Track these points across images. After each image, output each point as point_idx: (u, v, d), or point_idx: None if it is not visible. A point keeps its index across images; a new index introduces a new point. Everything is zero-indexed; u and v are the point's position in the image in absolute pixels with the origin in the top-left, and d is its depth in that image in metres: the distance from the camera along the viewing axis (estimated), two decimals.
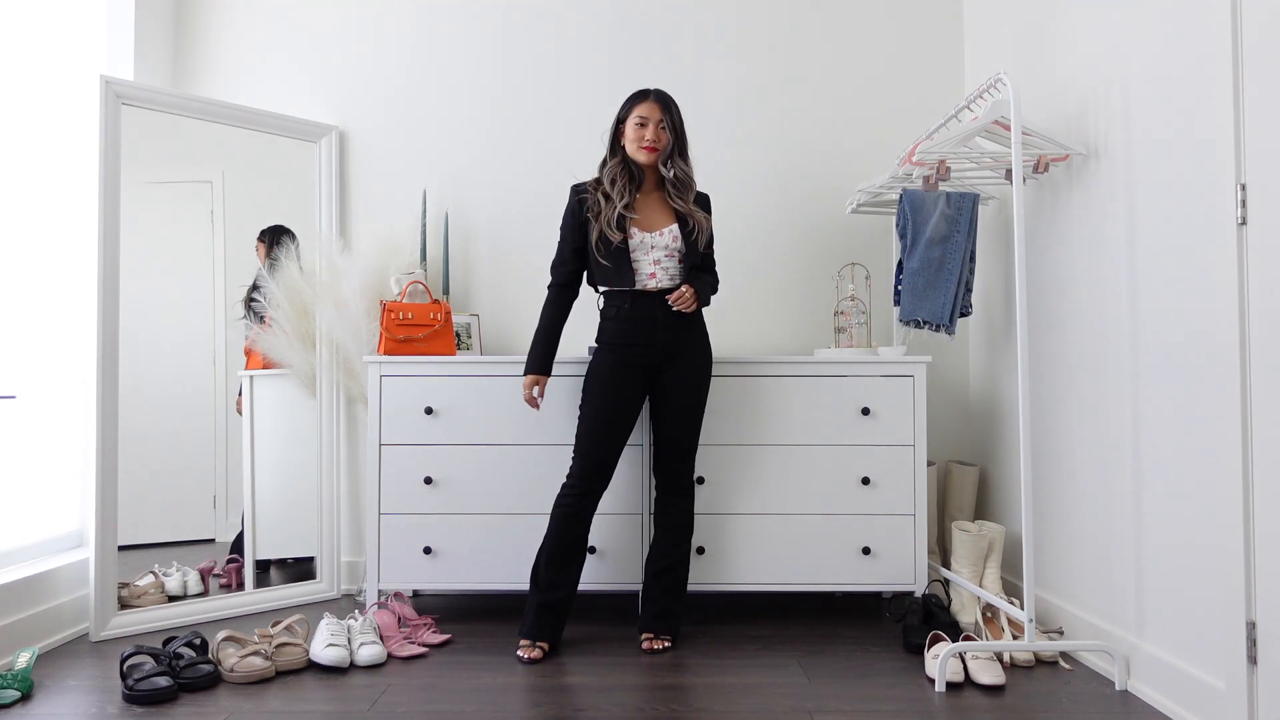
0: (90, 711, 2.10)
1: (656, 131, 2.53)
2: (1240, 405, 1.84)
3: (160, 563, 2.86)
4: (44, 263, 2.83)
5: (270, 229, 3.11)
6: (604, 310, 2.58)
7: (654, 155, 2.54)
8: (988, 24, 3.15)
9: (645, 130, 2.53)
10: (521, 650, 2.46)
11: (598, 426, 2.51)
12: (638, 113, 2.54)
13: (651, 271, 2.53)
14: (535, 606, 2.50)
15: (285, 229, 3.13)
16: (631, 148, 2.55)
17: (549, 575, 2.49)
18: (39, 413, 2.80)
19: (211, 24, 3.33)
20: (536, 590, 2.51)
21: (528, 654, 2.44)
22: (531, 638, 2.48)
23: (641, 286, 2.53)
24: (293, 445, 3.12)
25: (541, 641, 2.48)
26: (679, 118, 2.58)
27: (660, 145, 2.54)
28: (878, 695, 2.20)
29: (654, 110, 2.54)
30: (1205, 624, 1.99)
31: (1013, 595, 2.74)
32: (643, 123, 2.54)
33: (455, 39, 3.34)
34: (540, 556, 2.52)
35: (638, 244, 2.53)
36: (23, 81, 2.76)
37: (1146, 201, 2.20)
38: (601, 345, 2.58)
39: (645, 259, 2.53)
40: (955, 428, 3.31)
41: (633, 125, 2.55)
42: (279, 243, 3.10)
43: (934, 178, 2.69)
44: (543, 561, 2.51)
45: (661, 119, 2.54)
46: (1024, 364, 2.32)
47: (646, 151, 2.53)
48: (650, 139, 2.53)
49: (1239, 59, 1.85)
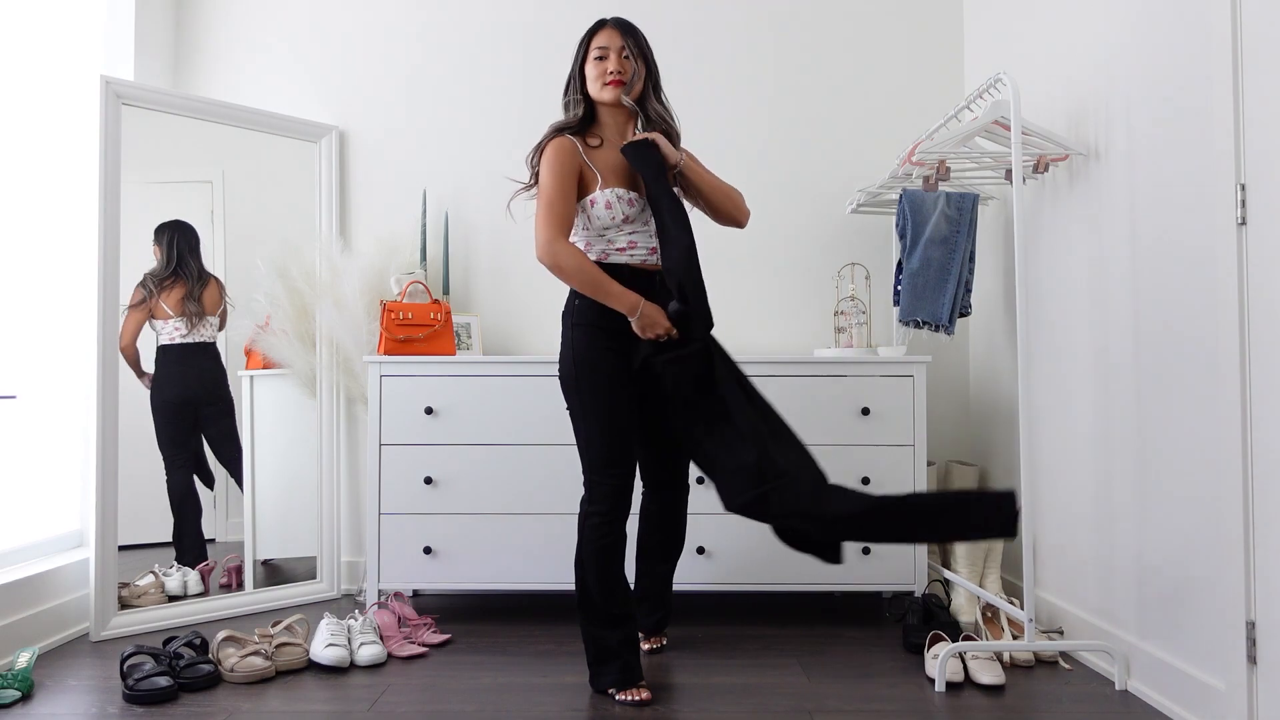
0: (90, 711, 2.10)
1: (620, 61, 2.15)
2: (1240, 405, 1.84)
3: (160, 563, 2.86)
4: (44, 263, 2.83)
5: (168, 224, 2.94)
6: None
7: (619, 89, 2.15)
8: (988, 24, 3.15)
9: (606, 63, 2.15)
10: (631, 694, 2.13)
11: (616, 423, 2.16)
12: (595, 44, 2.17)
13: (652, 247, 2.22)
14: (618, 646, 2.17)
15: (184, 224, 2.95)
16: (594, 88, 2.17)
17: (617, 608, 2.17)
18: (39, 413, 2.80)
19: (211, 24, 3.33)
20: (614, 628, 2.18)
21: (639, 695, 2.13)
22: (632, 683, 2.15)
23: (640, 264, 2.23)
24: (293, 445, 3.12)
25: (642, 683, 2.16)
26: (646, 46, 2.21)
27: (627, 76, 2.16)
28: (878, 695, 2.20)
29: (614, 37, 2.16)
30: (1205, 624, 1.99)
31: (1013, 595, 2.74)
32: (602, 55, 2.15)
33: (455, 39, 3.34)
34: (590, 595, 2.18)
35: (638, 213, 2.20)
36: (23, 81, 2.76)
37: (1146, 201, 2.20)
38: (583, 326, 2.18)
39: (644, 230, 2.22)
40: (955, 428, 3.31)
41: (592, 61, 2.17)
42: (177, 240, 2.94)
43: (934, 178, 2.69)
44: (598, 601, 2.17)
45: (623, 45, 2.16)
46: (1024, 364, 2.32)
47: (612, 86, 2.14)
48: (614, 69, 2.14)
49: (1239, 59, 1.85)
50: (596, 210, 2.18)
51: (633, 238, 2.22)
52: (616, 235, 2.21)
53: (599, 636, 2.19)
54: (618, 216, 2.18)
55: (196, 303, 2.94)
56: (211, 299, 2.97)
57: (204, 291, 2.96)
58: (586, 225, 2.22)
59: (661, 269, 2.21)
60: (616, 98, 2.17)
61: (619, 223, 2.19)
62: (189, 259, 2.93)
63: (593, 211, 2.18)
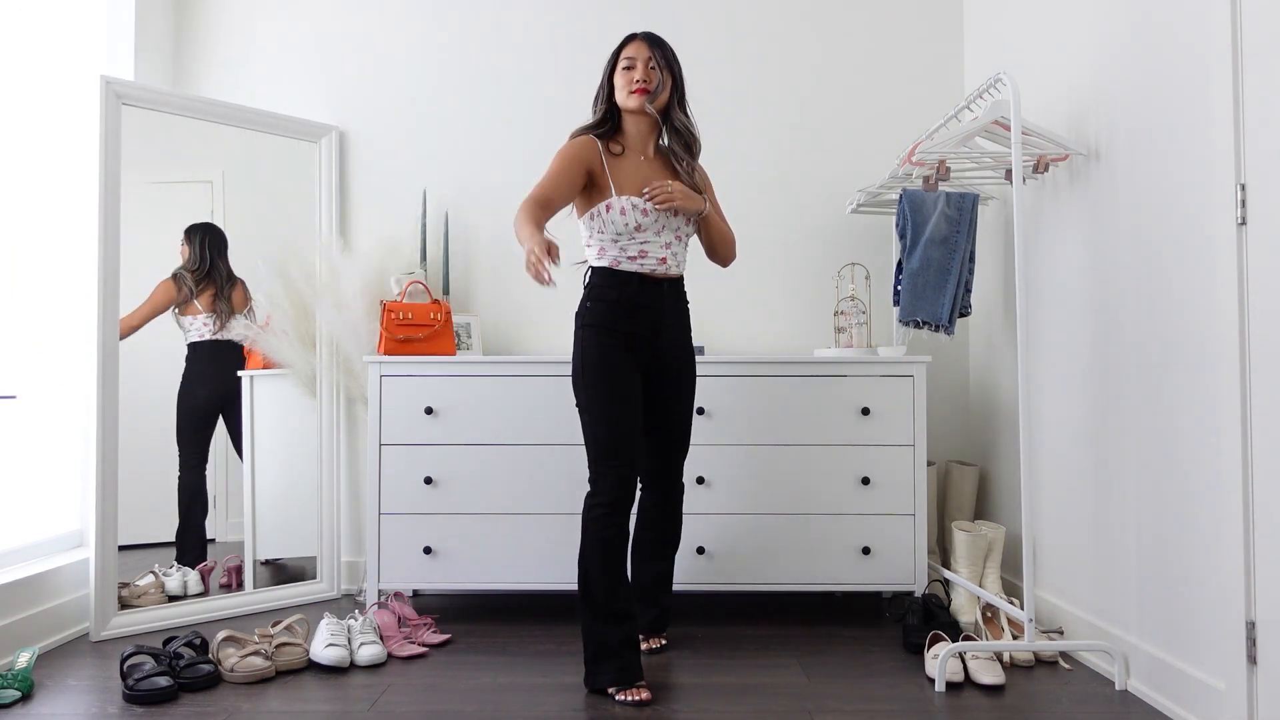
0: (90, 711, 2.10)
1: (646, 70, 2.25)
2: (1240, 405, 1.84)
3: (160, 563, 2.86)
4: (44, 263, 2.83)
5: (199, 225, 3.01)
6: (600, 290, 2.29)
7: (644, 97, 2.25)
8: (988, 24, 3.15)
9: (634, 72, 2.25)
10: (631, 694, 2.14)
11: (620, 417, 2.22)
12: (624, 56, 2.27)
13: (662, 256, 2.31)
14: (619, 644, 2.18)
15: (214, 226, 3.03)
16: (621, 95, 2.27)
17: (620, 606, 2.18)
18: (39, 413, 2.80)
19: (211, 24, 3.33)
20: (615, 625, 2.19)
21: (639, 695, 2.13)
22: (632, 681, 2.16)
23: (650, 272, 2.30)
24: (293, 445, 3.12)
25: (641, 683, 2.16)
26: (674, 60, 2.31)
27: (653, 85, 2.25)
28: (878, 695, 2.20)
29: (641, 49, 2.26)
30: (1205, 624, 1.99)
31: (1013, 595, 2.74)
32: (630, 65, 2.25)
33: (455, 39, 3.34)
34: (593, 590, 2.19)
35: (651, 222, 2.28)
36: (23, 81, 2.76)
37: (1146, 201, 2.20)
38: (593, 327, 2.27)
39: (656, 240, 2.30)
40: (955, 428, 3.31)
41: (620, 71, 2.27)
42: (208, 241, 3.01)
43: (934, 178, 2.69)
44: (600, 595, 2.18)
45: (650, 57, 2.26)
46: (1024, 364, 2.32)
47: (638, 94, 2.25)
48: (640, 78, 2.24)
49: (1239, 59, 1.85)
50: (612, 215, 2.26)
51: (644, 246, 2.30)
52: (629, 243, 2.29)
53: (599, 633, 2.20)
54: (630, 224, 2.26)
55: (226, 302, 3.01)
56: (239, 299, 3.04)
57: (232, 291, 3.02)
58: (601, 229, 2.29)
59: (671, 276, 2.34)
60: (641, 105, 2.26)
61: (631, 230, 2.27)
62: (219, 261, 3.01)
63: (607, 216, 2.27)
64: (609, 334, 2.27)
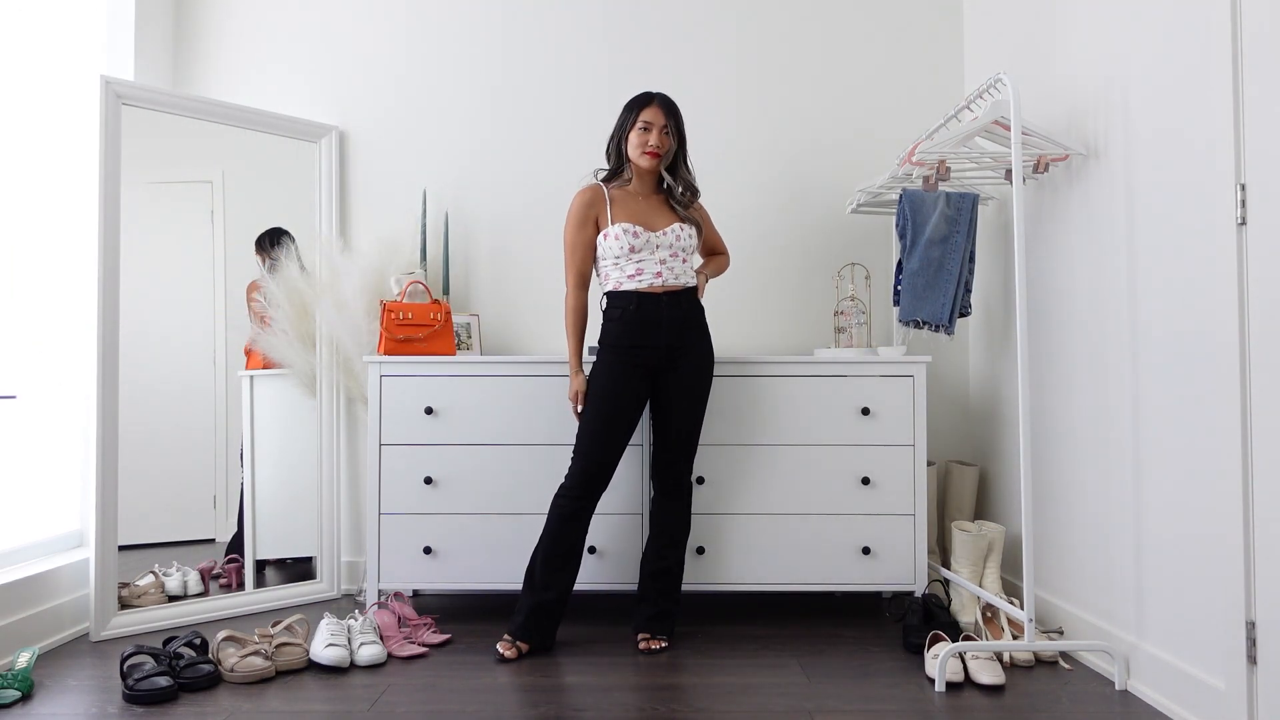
0: (90, 711, 2.10)
1: (660, 137, 2.55)
2: (1240, 405, 1.84)
3: (160, 563, 2.86)
4: (44, 263, 2.83)
5: (268, 232, 3.12)
6: (608, 312, 2.56)
7: (656, 161, 2.56)
8: (988, 24, 3.15)
9: (649, 135, 2.54)
10: (501, 646, 2.45)
11: (600, 428, 2.50)
12: (643, 118, 2.55)
13: (657, 271, 2.53)
14: (527, 608, 2.49)
15: (282, 230, 3.13)
16: (634, 152, 2.56)
17: (543, 577, 2.48)
18: (39, 413, 2.80)
19: (211, 24, 3.33)
20: (530, 591, 2.50)
21: (506, 650, 2.44)
22: (514, 636, 2.47)
23: (648, 288, 2.52)
24: (293, 445, 3.12)
25: (523, 642, 2.46)
26: (682, 123, 2.61)
27: (663, 151, 2.56)
28: (878, 695, 2.20)
29: (658, 115, 2.55)
30: (1205, 624, 1.99)
31: (1013, 595, 2.74)
32: (647, 128, 2.55)
33: (455, 39, 3.34)
34: (535, 557, 2.51)
35: (643, 244, 2.53)
36: (23, 81, 2.76)
37: (1146, 201, 2.20)
38: (604, 347, 2.55)
39: (651, 259, 2.53)
40: (955, 428, 3.31)
41: (637, 130, 2.56)
42: (278, 244, 3.10)
43: (934, 178, 2.69)
44: (538, 562, 2.50)
45: (665, 124, 2.56)
46: (1024, 364, 2.32)
47: (650, 157, 2.55)
48: (654, 144, 2.54)
49: (1239, 59, 1.85)
50: (608, 243, 2.55)
51: (640, 265, 2.53)
52: (626, 264, 2.54)
53: (525, 591, 2.51)
54: (625, 247, 2.52)
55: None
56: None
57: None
58: (603, 256, 2.58)
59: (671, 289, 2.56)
60: (653, 167, 2.58)
61: (626, 252, 2.53)
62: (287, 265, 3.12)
63: (605, 245, 2.56)
64: (615, 351, 2.53)
